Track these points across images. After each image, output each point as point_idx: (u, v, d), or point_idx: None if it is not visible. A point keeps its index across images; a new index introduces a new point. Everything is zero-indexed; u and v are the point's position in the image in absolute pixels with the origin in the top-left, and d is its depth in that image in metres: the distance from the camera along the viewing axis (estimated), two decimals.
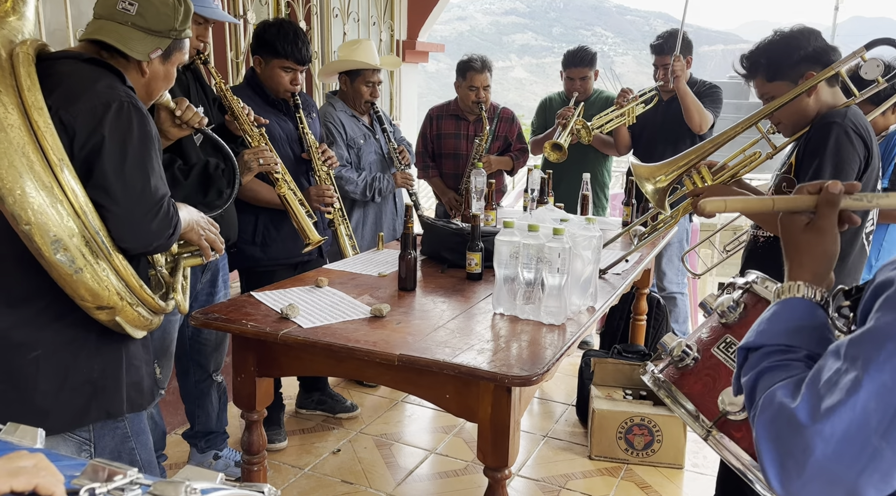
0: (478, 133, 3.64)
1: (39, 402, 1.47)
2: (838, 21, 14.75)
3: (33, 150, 1.34)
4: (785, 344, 0.94)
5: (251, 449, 2.02)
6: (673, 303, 3.78)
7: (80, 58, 1.50)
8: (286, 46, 2.59)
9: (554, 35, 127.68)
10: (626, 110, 3.62)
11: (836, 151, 1.86)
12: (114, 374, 1.56)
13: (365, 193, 3.15)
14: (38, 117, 1.35)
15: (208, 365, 2.57)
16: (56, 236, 1.36)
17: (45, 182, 1.34)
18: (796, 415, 0.83)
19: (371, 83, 3.17)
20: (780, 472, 0.84)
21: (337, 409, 3.18)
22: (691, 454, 2.89)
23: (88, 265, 1.40)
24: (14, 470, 0.66)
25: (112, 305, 1.46)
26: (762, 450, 0.86)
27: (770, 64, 1.97)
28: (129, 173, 1.43)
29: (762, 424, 0.87)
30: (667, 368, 1.24)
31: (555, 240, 1.86)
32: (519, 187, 6.82)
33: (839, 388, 0.81)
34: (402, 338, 1.79)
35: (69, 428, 1.52)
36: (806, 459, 0.81)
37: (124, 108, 1.44)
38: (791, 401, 0.85)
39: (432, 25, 5.17)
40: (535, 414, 3.31)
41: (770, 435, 0.86)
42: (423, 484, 2.71)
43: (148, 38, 1.56)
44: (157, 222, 1.47)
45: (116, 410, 1.57)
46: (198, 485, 0.72)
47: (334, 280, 2.32)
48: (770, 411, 0.87)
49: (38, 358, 1.46)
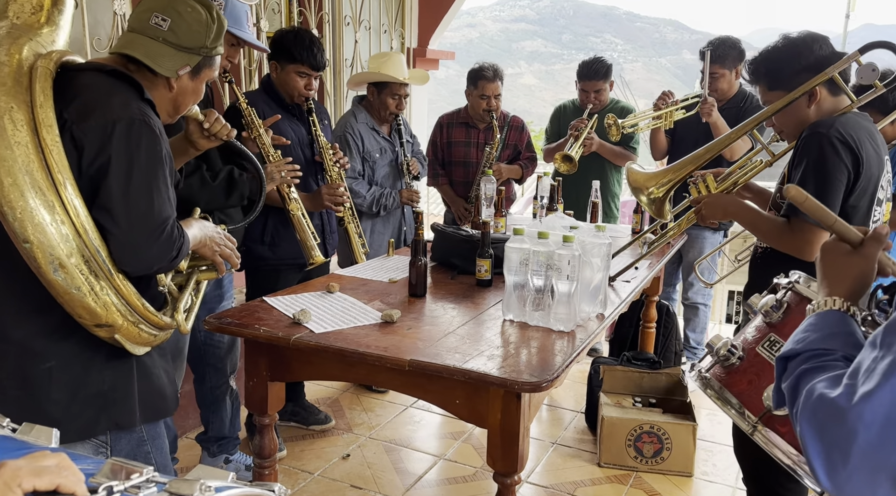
0: (488, 141, 3.66)
1: (51, 412, 1.48)
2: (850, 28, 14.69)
3: (39, 168, 1.34)
4: (822, 348, 0.96)
5: (262, 452, 2.03)
6: (694, 312, 3.77)
7: (102, 69, 1.50)
8: (302, 52, 2.64)
9: (563, 42, 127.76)
10: (664, 114, 3.52)
11: (820, 162, 1.84)
12: (124, 387, 1.56)
13: (371, 208, 3.23)
14: (47, 135, 1.35)
15: (224, 368, 2.60)
16: (54, 255, 1.35)
17: (48, 200, 1.34)
18: (837, 403, 0.84)
19: (398, 96, 3.23)
20: (825, 464, 0.85)
21: (310, 421, 3.14)
22: (701, 462, 2.88)
23: (86, 284, 1.39)
24: (37, 469, 0.67)
25: (111, 323, 1.45)
26: (807, 445, 0.87)
27: (770, 73, 1.96)
28: (134, 195, 1.42)
29: (805, 418, 0.88)
30: (713, 368, 1.26)
31: (565, 247, 1.87)
32: (528, 194, 6.83)
33: (877, 373, 0.83)
34: (412, 344, 1.80)
35: (79, 438, 1.52)
36: (850, 447, 0.82)
37: (135, 126, 1.43)
38: (832, 392, 0.86)
39: (443, 33, 5.20)
40: (544, 421, 3.31)
41: (814, 427, 0.87)
42: (431, 489, 2.71)
43: (178, 55, 1.55)
44: (158, 246, 1.44)
45: (126, 422, 1.57)
46: (212, 483, 0.74)
47: (345, 285, 2.34)
48: (811, 404, 0.88)
49: (52, 369, 1.48)
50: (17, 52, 1.41)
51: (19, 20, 1.47)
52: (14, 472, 0.66)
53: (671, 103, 3.53)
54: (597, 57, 3.81)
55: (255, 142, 2.41)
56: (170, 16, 1.53)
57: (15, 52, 1.41)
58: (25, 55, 1.41)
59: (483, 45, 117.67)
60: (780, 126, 2.03)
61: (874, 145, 1.92)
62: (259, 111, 2.64)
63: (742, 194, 2.27)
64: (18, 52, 1.41)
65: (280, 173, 2.41)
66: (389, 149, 3.31)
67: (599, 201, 3.31)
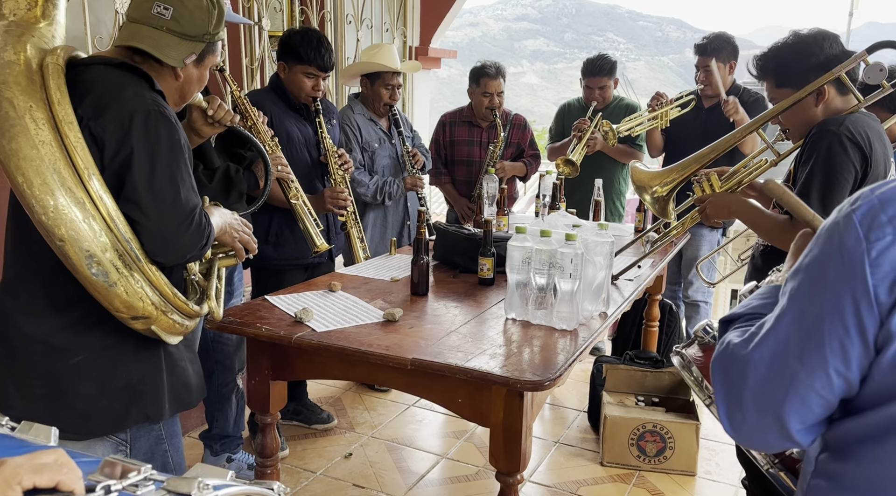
0: (491, 139, 3.65)
1: (82, 407, 1.49)
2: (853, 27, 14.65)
3: (65, 165, 1.34)
4: (760, 313, 0.99)
5: (264, 451, 2.03)
6: (696, 309, 3.76)
7: (109, 63, 1.49)
8: (309, 53, 2.64)
9: (566, 41, 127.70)
10: (659, 114, 3.54)
11: (828, 160, 1.83)
12: (153, 379, 1.57)
13: (376, 197, 3.21)
14: (70, 132, 1.36)
15: (233, 365, 2.60)
16: (89, 251, 1.36)
17: (78, 197, 1.34)
18: (738, 350, 0.89)
19: (391, 86, 3.22)
20: (727, 409, 0.90)
21: (313, 420, 3.14)
22: (704, 461, 2.87)
23: (122, 278, 1.40)
24: (37, 466, 0.68)
25: (147, 315, 1.46)
26: (715, 391, 0.92)
27: (778, 70, 1.94)
28: (159, 186, 1.41)
29: (715, 366, 0.93)
30: (689, 347, 1.29)
31: (567, 245, 1.86)
32: (530, 193, 6.83)
33: (770, 320, 0.88)
34: (414, 343, 1.80)
35: (109, 431, 1.54)
36: (743, 389, 0.87)
37: (151, 116, 1.43)
38: (738, 340, 0.91)
39: (445, 32, 5.20)
40: (546, 420, 3.31)
41: (719, 374, 0.92)
42: (434, 488, 2.71)
43: (183, 44, 1.53)
44: (189, 234, 1.45)
45: (156, 414, 1.58)
46: (210, 482, 0.74)
47: (347, 284, 2.34)
48: (720, 352, 0.93)
49: (80, 363, 1.48)
50: (23, 50, 1.41)
51: (16, 17, 1.46)
52: (14, 470, 0.66)
53: (665, 103, 3.57)
54: (601, 54, 3.81)
55: (251, 131, 2.40)
56: (171, 4, 1.51)
57: (20, 51, 1.40)
58: (31, 53, 1.41)
59: (485, 44, 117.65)
60: (786, 124, 2.02)
61: (882, 145, 1.91)
62: (266, 111, 2.64)
63: (747, 193, 2.26)
64: (24, 51, 1.41)
65: (276, 168, 2.40)
66: (388, 141, 3.31)
67: (602, 199, 3.30)
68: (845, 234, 0.82)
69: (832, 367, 0.82)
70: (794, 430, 0.86)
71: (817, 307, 0.83)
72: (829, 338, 0.82)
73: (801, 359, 0.83)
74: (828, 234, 0.85)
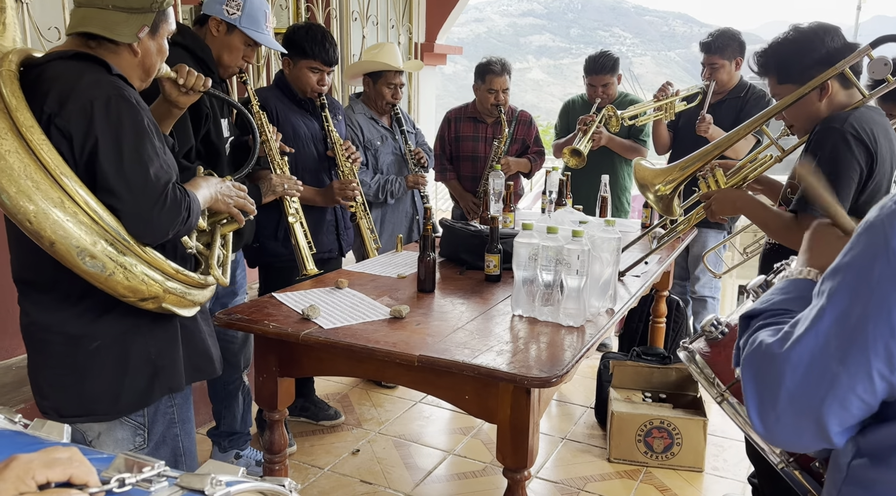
0: (496, 136, 3.65)
1: (109, 388, 1.55)
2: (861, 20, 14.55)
3: (35, 169, 1.36)
4: (783, 308, 0.97)
5: (272, 448, 2.04)
6: (703, 305, 3.75)
7: (64, 56, 1.50)
8: (314, 47, 2.65)
9: (572, 36, 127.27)
10: (664, 105, 3.50)
11: (833, 158, 1.81)
12: (170, 353, 1.64)
13: (378, 195, 3.23)
14: (32, 136, 1.37)
15: (239, 363, 2.61)
16: (80, 246, 1.38)
17: (55, 198, 1.36)
18: (772, 349, 0.87)
19: (393, 85, 3.22)
20: (758, 408, 0.87)
21: (320, 416, 3.15)
22: (711, 457, 2.87)
23: (119, 265, 1.43)
24: (51, 461, 0.69)
25: (154, 295, 1.50)
26: (745, 390, 0.90)
27: (779, 66, 1.92)
28: (129, 169, 1.43)
29: (746, 365, 0.91)
30: (696, 341, 1.28)
31: (574, 241, 1.86)
32: (537, 189, 6.82)
33: (807, 319, 0.86)
34: (421, 339, 1.80)
35: (138, 407, 1.61)
36: (778, 389, 0.85)
37: (112, 102, 1.44)
38: (771, 339, 0.89)
39: (450, 28, 5.20)
40: (553, 416, 3.31)
41: (751, 372, 0.89)
42: (441, 485, 2.72)
43: (132, 18, 1.52)
44: (165, 212, 1.46)
45: (177, 385, 1.65)
46: (222, 478, 0.75)
47: (354, 281, 2.35)
48: (752, 351, 0.91)
49: (99, 347, 1.54)
50: None
51: None
52: (27, 465, 0.67)
53: (672, 94, 3.52)
54: (603, 51, 3.78)
55: (263, 147, 2.42)
56: None
57: None
58: None
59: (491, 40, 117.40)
60: (790, 120, 2.01)
61: (889, 141, 1.89)
62: (271, 107, 2.66)
63: (753, 187, 2.25)
64: None
65: (283, 186, 2.45)
66: (390, 137, 3.31)
67: (609, 196, 3.29)
68: (892, 233, 0.80)
69: (875, 370, 0.80)
70: (833, 433, 0.84)
71: (861, 308, 0.81)
72: (874, 341, 0.80)
73: (844, 362, 0.81)
74: (870, 233, 0.83)
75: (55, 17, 2.71)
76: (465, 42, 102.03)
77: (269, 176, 2.44)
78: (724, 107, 3.43)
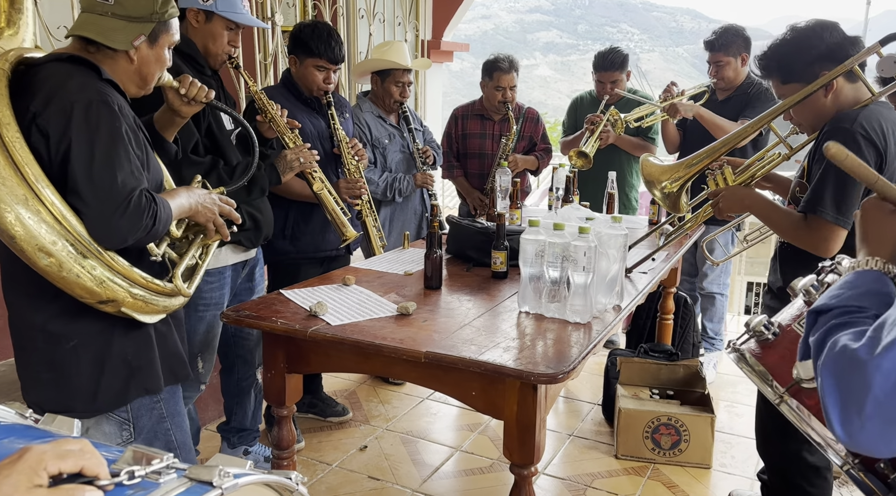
0: (503, 133, 3.65)
1: (86, 387, 1.57)
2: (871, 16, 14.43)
3: (5, 165, 1.37)
4: (855, 305, 0.95)
5: (281, 444, 2.06)
6: (711, 301, 3.73)
7: (60, 58, 1.52)
8: (320, 46, 2.65)
9: (579, 32, 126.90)
10: (670, 105, 3.47)
11: None
12: (147, 354, 1.65)
13: (385, 193, 3.23)
14: (6, 132, 1.38)
15: (253, 359, 2.62)
16: (39, 245, 1.39)
17: (20, 195, 1.37)
18: (858, 354, 0.83)
19: (401, 83, 3.22)
20: (841, 414, 0.84)
21: (328, 413, 3.16)
22: (719, 454, 2.87)
23: (77, 266, 1.44)
24: (63, 453, 0.70)
25: (111, 298, 1.50)
26: (825, 395, 0.86)
27: (781, 67, 1.91)
28: (97, 173, 1.44)
29: (826, 369, 0.87)
30: (747, 342, 1.26)
31: (581, 238, 1.86)
32: (544, 186, 6.80)
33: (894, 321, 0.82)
34: (428, 336, 1.81)
35: (115, 406, 1.62)
36: (865, 396, 0.81)
37: (93, 106, 1.45)
38: (854, 344, 0.85)
39: (457, 25, 5.19)
40: (560, 413, 3.31)
41: (833, 377, 0.86)
42: (448, 481, 2.73)
43: (129, 27, 1.55)
44: (126, 218, 1.45)
45: (154, 386, 1.67)
46: (230, 470, 0.76)
47: (361, 278, 2.35)
48: (833, 355, 0.87)
49: (77, 347, 1.56)
50: None
51: None
52: (39, 456, 0.68)
53: (677, 94, 3.51)
54: (612, 47, 3.77)
55: (271, 126, 2.41)
56: None
57: None
58: None
59: (498, 37, 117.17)
60: (798, 119, 2.00)
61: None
62: None
63: (762, 184, 2.24)
64: None
65: (299, 159, 2.42)
66: (398, 135, 3.32)
67: (616, 192, 3.29)
68: None
69: None
70: None
71: None
72: None
73: None
74: None
75: (64, 17, 2.73)
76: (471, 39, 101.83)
77: (283, 153, 2.42)
78: (731, 104, 3.42)
